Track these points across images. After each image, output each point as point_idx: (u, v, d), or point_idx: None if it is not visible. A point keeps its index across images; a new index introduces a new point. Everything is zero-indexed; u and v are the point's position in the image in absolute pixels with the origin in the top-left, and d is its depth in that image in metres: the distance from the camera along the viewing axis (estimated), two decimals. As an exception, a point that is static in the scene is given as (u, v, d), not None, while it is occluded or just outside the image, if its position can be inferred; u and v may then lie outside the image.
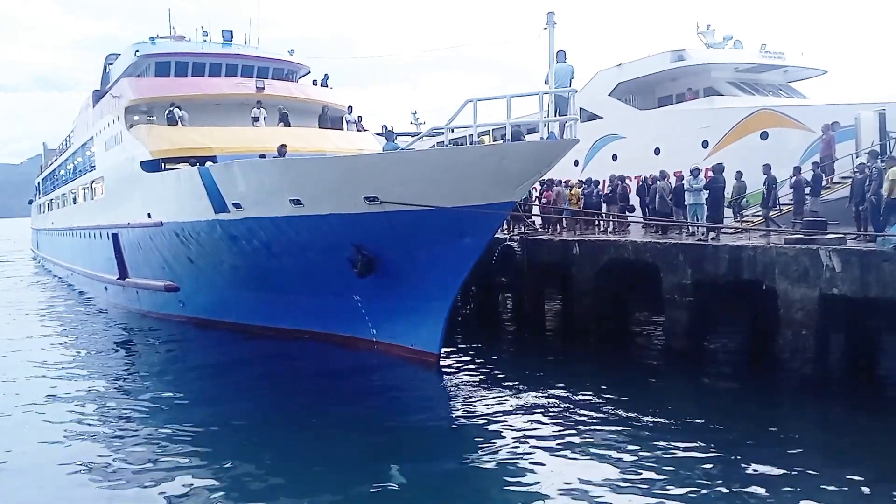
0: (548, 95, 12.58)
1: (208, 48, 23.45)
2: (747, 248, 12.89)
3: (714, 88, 24.44)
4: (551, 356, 15.72)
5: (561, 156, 12.68)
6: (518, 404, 11.77)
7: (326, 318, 16.18)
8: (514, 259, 17.32)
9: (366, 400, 12.67)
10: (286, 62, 24.59)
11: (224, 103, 21.40)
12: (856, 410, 10.85)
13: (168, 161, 19.21)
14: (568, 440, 10.01)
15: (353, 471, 9.43)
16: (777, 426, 10.47)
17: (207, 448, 10.45)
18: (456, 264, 13.46)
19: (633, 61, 26.24)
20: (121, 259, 23.54)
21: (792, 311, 11.94)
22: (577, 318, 16.45)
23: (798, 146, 19.80)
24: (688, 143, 22.51)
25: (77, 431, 11.22)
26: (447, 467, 9.58)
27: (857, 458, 9.16)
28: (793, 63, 25.24)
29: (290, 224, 14.79)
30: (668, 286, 14.14)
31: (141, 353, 17.85)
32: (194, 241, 18.06)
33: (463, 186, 12.41)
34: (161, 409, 12.41)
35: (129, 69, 23.46)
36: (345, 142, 21.22)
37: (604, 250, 15.87)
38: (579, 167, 25.56)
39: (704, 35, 26.95)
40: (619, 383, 12.78)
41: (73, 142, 33.52)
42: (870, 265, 10.92)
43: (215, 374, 15.09)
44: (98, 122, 25.89)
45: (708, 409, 11.54)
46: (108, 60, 27.67)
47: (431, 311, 13.93)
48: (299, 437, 10.80)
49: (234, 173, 15.50)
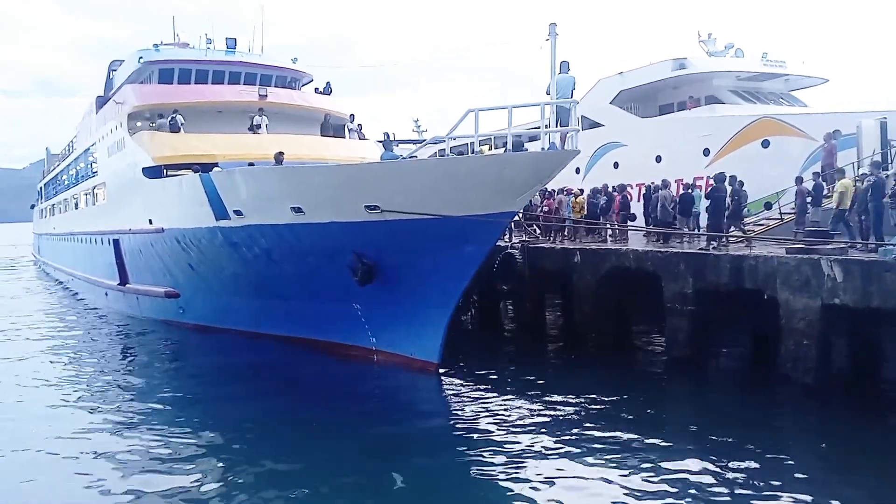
0: (549, 106, 12.61)
1: (212, 55, 23.52)
2: (749, 258, 12.86)
3: (715, 97, 24.52)
4: (552, 364, 15.69)
5: (562, 166, 12.71)
6: (518, 411, 11.74)
7: (326, 326, 16.15)
8: (516, 267, 17.32)
9: (366, 406, 12.64)
10: (289, 70, 24.67)
11: (227, 110, 21.44)
12: (857, 420, 10.79)
13: (170, 168, 19.24)
14: (568, 448, 9.97)
15: (352, 476, 9.42)
16: (778, 435, 10.43)
17: (208, 452, 10.46)
18: (456, 273, 13.44)
19: (635, 69, 26.33)
20: (122, 265, 23.57)
21: (794, 321, 11.91)
22: (578, 326, 16.43)
23: (799, 154, 19.83)
24: (689, 151, 22.54)
25: (78, 435, 11.23)
26: (447, 473, 9.57)
27: (859, 468, 9.13)
28: (794, 71, 25.31)
29: (290, 231, 14.80)
30: (670, 295, 14.12)
31: (140, 359, 17.82)
32: (195, 248, 18.08)
33: (464, 196, 12.41)
34: (160, 414, 12.39)
35: (132, 76, 23.57)
36: (346, 150, 21.26)
37: (605, 259, 15.85)
38: (580, 175, 25.58)
39: (706, 43, 27.05)
40: (619, 391, 12.75)
41: (76, 147, 33.62)
42: (871, 275, 10.90)
43: (215, 379, 15.09)
44: (101, 128, 25.97)
45: (709, 418, 11.51)
46: (112, 66, 27.79)
47: (431, 319, 13.90)
48: (299, 442, 10.79)
49: (236, 181, 15.52)
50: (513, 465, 9.51)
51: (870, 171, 14.43)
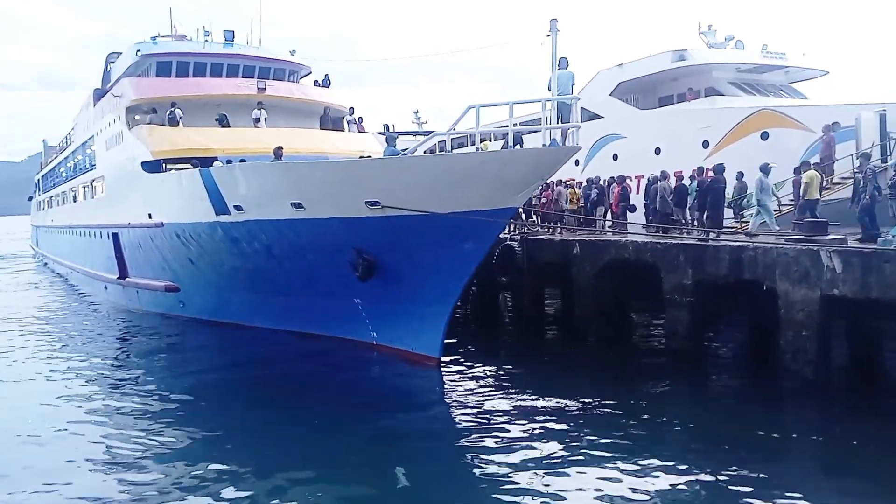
0: (550, 102, 12.60)
1: (210, 48, 23.42)
2: (748, 249, 12.89)
3: (715, 88, 24.44)
4: (551, 356, 15.73)
5: (563, 162, 12.73)
6: (518, 404, 11.80)
7: (327, 321, 16.19)
8: (515, 259, 17.34)
9: (366, 400, 12.68)
10: (288, 63, 24.57)
11: (225, 104, 21.38)
12: (857, 412, 10.85)
13: (169, 162, 19.22)
14: (567, 441, 10.04)
15: (352, 471, 9.47)
16: (777, 427, 10.47)
17: (207, 447, 10.51)
18: (457, 269, 13.46)
19: (634, 61, 26.24)
20: (121, 259, 23.57)
21: (793, 312, 11.95)
22: (578, 318, 16.47)
23: (798, 146, 19.80)
24: (688, 142, 22.52)
25: (78, 429, 11.28)
26: (448, 467, 9.65)
27: (858, 461, 9.18)
28: (794, 63, 25.24)
29: (290, 227, 14.80)
30: (669, 286, 14.15)
31: (140, 352, 17.81)
32: (195, 243, 18.08)
33: (465, 192, 12.40)
34: (159, 408, 12.42)
35: (130, 69, 23.47)
36: (346, 143, 21.23)
37: (604, 250, 15.88)
38: (580, 167, 25.57)
39: (706, 35, 26.95)
40: (618, 383, 12.82)
41: (74, 140, 33.52)
42: (871, 266, 10.92)
43: (214, 374, 15.10)
44: (99, 121, 25.88)
45: (708, 410, 11.59)
46: (110, 59, 27.67)
47: (432, 314, 13.93)
48: (299, 437, 10.84)
49: (236, 176, 15.51)
50: (513, 458, 9.56)
51: (860, 163, 14.50)
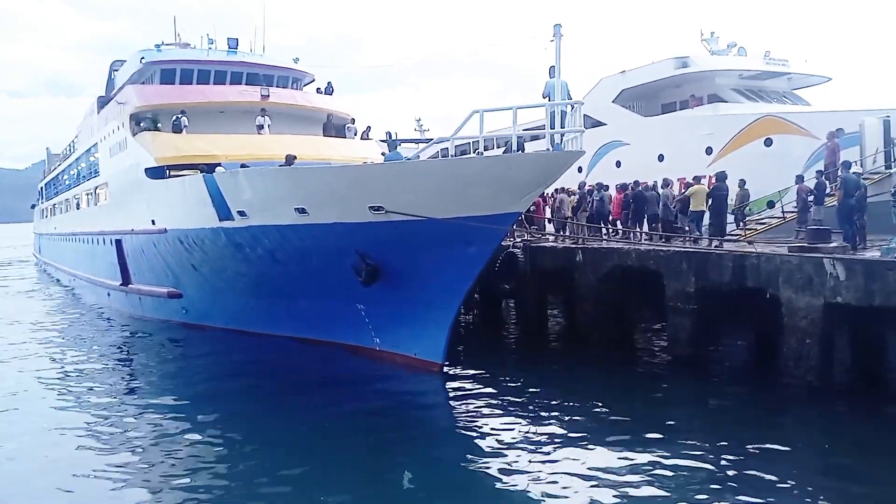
0: (553, 107, 12.64)
1: (213, 55, 23.52)
2: (751, 256, 12.88)
3: (718, 95, 24.50)
4: (554, 362, 15.69)
5: (566, 167, 12.73)
6: (521, 410, 11.78)
7: (330, 326, 16.19)
8: (518, 265, 17.34)
9: (370, 405, 12.67)
10: (291, 70, 24.68)
11: (229, 111, 21.47)
12: (860, 419, 10.83)
13: (173, 168, 19.27)
14: (570, 446, 10.02)
15: (355, 474, 9.49)
16: (781, 434, 10.43)
17: (211, 449, 10.54)
18: (460, 274, 13.46)
19: (637, 68, 26.32)
20: (124, 265, 23.62)
21: (796, 319, 11.93)
22: (580, 324, 16.46)
23: (802, 153, 19.83)
24: (692, 149, 22.56)
25: (81, 434, 11.30)
26: (451, 472, 9.61)
27: (861, 467, 9.14)
28: (797, 70, 25.30)
29: (294, 232, 14.82)
30: (672, 293, 14.14)
31: (142, 358, 17.84)
32: (198, 249, 18.11)
33: (468, 197, 12.42)
34: (163, 415, 12.41)
35: (133, 76, 23.58)
36: (349, 150, 21.29)
37: (607, 257, 15.87)
38: (583, 174, 25.61)
39: (708, 42, 27.03)
40: (621, 390, 12.78)
41: (77, 147, 33.63)
42: (874, 274, 10.91)
43: (217, 380, 15.09)
44: (103, 129, 25.98)
45: (711, 417, 11.57)
46: (114, 67, 27.80)
47: (435, 320, 13.92)
48: (302, 440, 10.86)
49: (240, 181, 15.54)
50: (516, 464, 9.55)
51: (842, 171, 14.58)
